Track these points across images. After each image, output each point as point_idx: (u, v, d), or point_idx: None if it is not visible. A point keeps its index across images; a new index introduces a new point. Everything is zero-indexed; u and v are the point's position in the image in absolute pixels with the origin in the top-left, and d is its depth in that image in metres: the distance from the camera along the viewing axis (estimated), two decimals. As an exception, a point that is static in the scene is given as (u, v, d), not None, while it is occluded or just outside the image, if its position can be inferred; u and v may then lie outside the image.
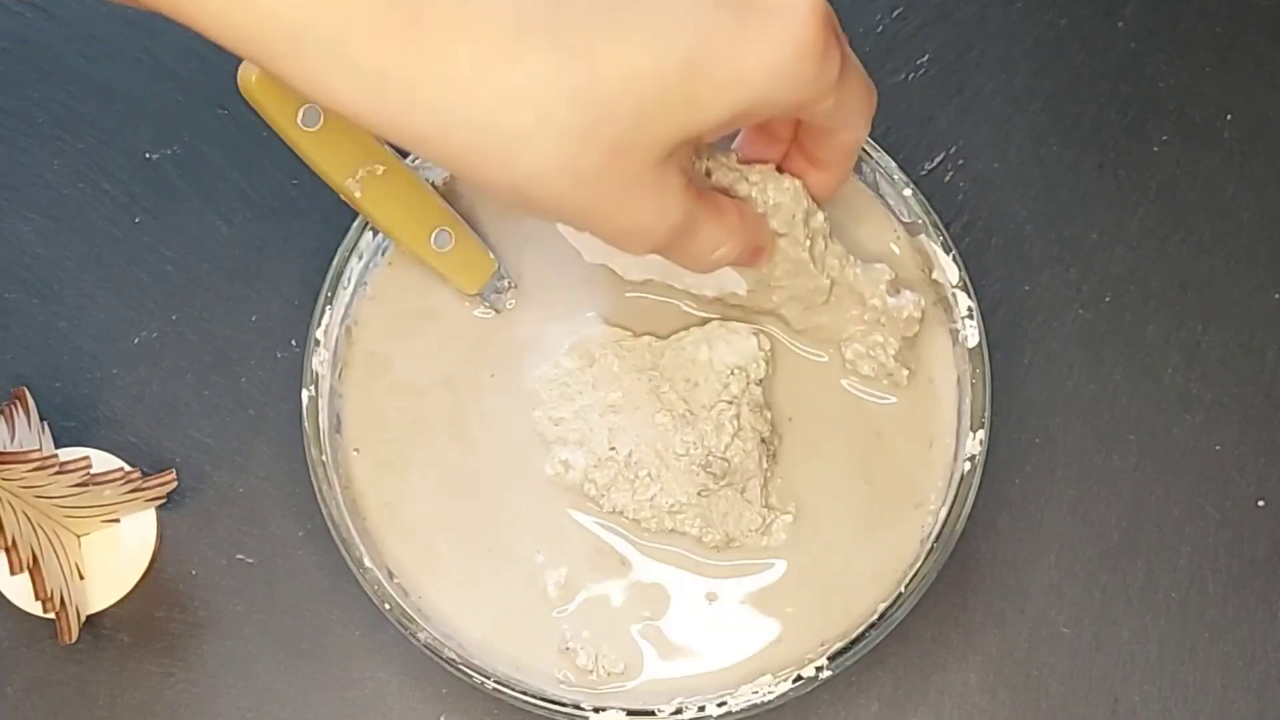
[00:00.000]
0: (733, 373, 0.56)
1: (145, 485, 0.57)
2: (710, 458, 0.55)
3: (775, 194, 0.51)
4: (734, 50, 0.40)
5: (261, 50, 0.39)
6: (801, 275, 0.54)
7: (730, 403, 0.56)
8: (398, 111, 0.39)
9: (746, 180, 0.51)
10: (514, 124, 0.39)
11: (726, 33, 0.40)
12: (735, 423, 0.56)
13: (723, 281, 0.56)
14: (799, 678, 0.54)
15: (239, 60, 0.51)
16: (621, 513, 0.56)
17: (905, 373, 0.57)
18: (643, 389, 0.57)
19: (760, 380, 0.57)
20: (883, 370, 0.57)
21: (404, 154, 0.57)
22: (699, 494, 0.55)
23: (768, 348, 0.57)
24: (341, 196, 0.55)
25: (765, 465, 0.56)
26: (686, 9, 0.40)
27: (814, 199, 0.53)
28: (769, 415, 0.57)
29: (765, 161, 0.52)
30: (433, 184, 0.59)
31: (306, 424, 0.56)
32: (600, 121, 0.40)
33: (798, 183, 0.52)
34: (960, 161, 0.65)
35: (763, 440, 0.56)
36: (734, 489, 0.56)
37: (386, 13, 0.38)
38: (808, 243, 0.53)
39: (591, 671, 0.55)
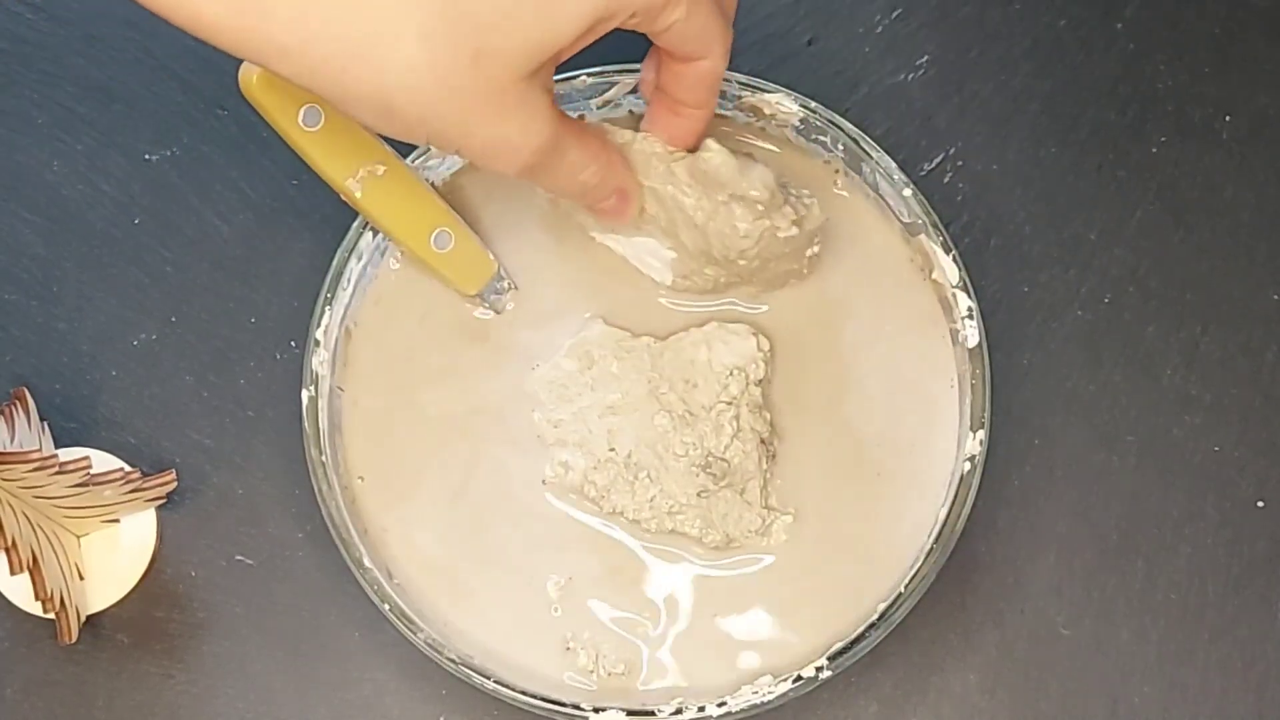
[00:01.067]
0: (732, 373, 0.56)
1: (145, 485, 0.57)
2: (710, 459, 0.55)
3: (636, 149, 0.53)
4: None
5: None
6: (702, 231, 0.55)
7: (729, 404, 0.56)
8: (255, 24, 0.39)
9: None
10: (374, 27, 0.39)
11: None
12: (735, 424, 0.56)
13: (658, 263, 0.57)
14: (799, 678, 0.54)
15: (240, 61, 0.51)
16: (621, 514, 0.56)
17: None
18: (642, 390, 0.57)
19: (760, 381, 0.57)
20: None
21: (405, 154, 0.57)
22: (699, 495, 0.55)
23: (767, 348, 0.57)
24: (342, 197, 0.55)
25: (765, 466, 0.56)
26: None
27: (683, 147, 0.53)
28: (768, 416, 0.57)
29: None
30: (433, 184, 0.59)
31: (306, 424, 0.56)
32: (461, 24, 0.40)
33: (647, 137, 0.53)
34: (960, 162, 0.65)
35: (762, 441, 0.56)
36: (733, 490, 0.56)
37: None
38: (686, 190, 0.54)
39: (592, 671, 0.55)
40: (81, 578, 0.59)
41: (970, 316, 0.57)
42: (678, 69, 0.51)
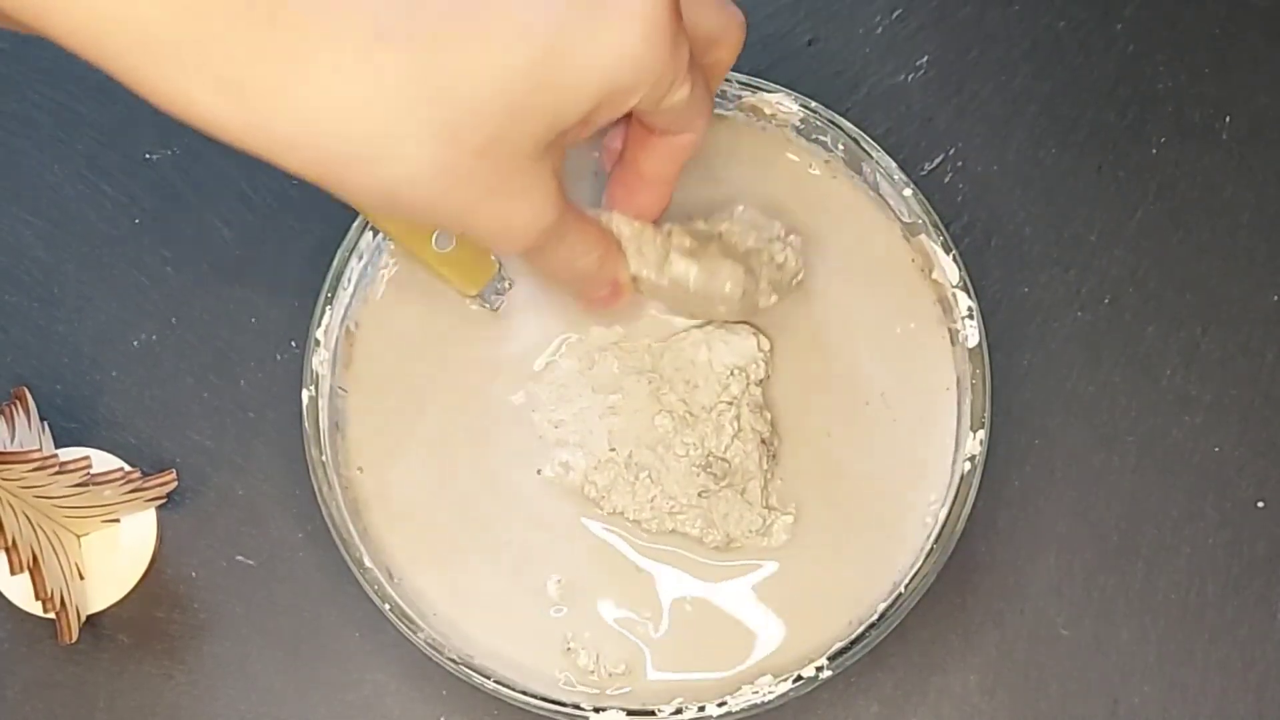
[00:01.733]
0: (732, 373, 0.56)
1: (145, 485, 0.57)
2: (710, 459, 0.55)
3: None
4: (589, 38, 0.41)
5: (115, 58, 0.38)
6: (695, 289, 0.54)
7: (730, 403, 0.56)
8: (263, 121, 0.39)
9: None
10: (380, 127, 0.39)
11: (581, 21, 0.41)
12: (735, 424, 0.56)
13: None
14: (799, 678, 0.54)
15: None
16: (622, 514, 0.56)
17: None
18: (642, 390, 0.57)
19: (760, 381, 0.57)
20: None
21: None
22: (699, 495, 0.56)
23: (767, 348, 0.57)
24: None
25: (765, 466, 0.56)
26: (542, 2, 0.40)
27: (650, 219, 0.53)
28: (769, 416, 0.57)
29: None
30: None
31: (306, 424, 0.56)
32: (466, 119, 0.40)
33: (613, 216, 0.52)
34: (959, 162, 0.65)
35: (763, 441, 0.56)
36: (734, 490, 0.56)
37: (245, 15, 0.37)
38: (663, 262, 0.53)
39: (593, 672, 0.55)
40: (82, 577, 0.59)
41: (970, 316, 0.57)
42: (653, 142, 0.50)
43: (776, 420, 0.58)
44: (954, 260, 0.57)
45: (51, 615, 0.57)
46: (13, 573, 0.54)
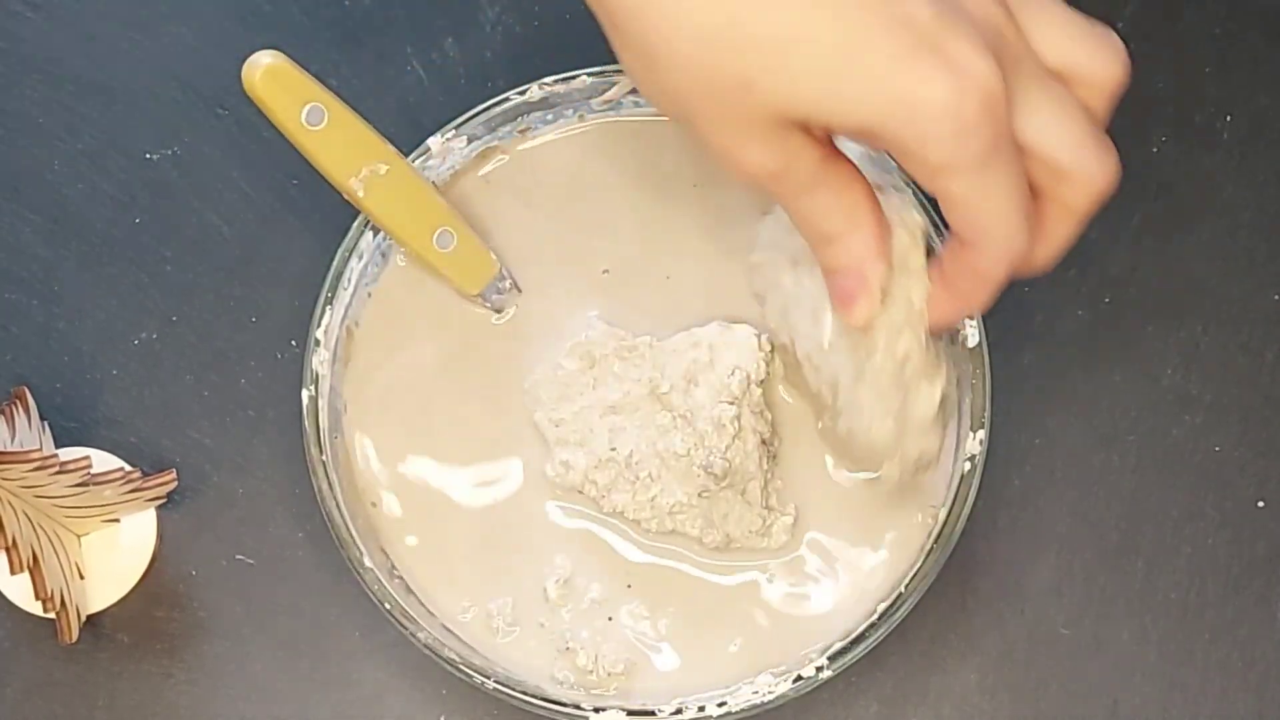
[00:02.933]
0: (733, 373, 0.56)
1: (145, 485, 0.57)
2: (711, 458, 0.55)
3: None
4: (893, 69, 0.40)
5: None
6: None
7: (731, 403, 0.56)
8: None
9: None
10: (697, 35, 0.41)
11: (899, 51, 0.40)
12: (736, 424, 0.55)
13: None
14: (799, 678, 0.54)
15: (240, 61, 0.51)
16: (622, 513, 0.56)
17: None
18: (643, 390, 0.57)
19: (761, 381, 0.57)
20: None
21: (407, 154, 0.57)
22: (699, 495, 0.55)
23: (768, 349, 0.57)
24: (344, 195, 0.55)
25: (765, 466, 0.56)
26: (892, 13, 0.40)
27: (933, 327, 0.50)
28: (769, 416, 0.57)
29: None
30: (434, 184, 0.59)
31: (306, 424, 0.56)
32: (751, 61, 0.40)
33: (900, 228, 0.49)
34: (960, 162, 0.65)
35: (763, 441, 0.56)
36: (734, 490, 0.56)
37: None
38: (900, 326, 0.50)
39: (592, 671, 0.55)
40: (82, 577, 0.59)
41: (970, 316, 0.57)
42: (953, 245, 0.46)
43: (777, 421, 0.58)
44: (954, 260, 0.57)
45: (51, 615, 0.57)
46: (13, 572, 0.54)
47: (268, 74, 0.51)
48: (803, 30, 0.40)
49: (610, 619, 0.56)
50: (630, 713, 0.53)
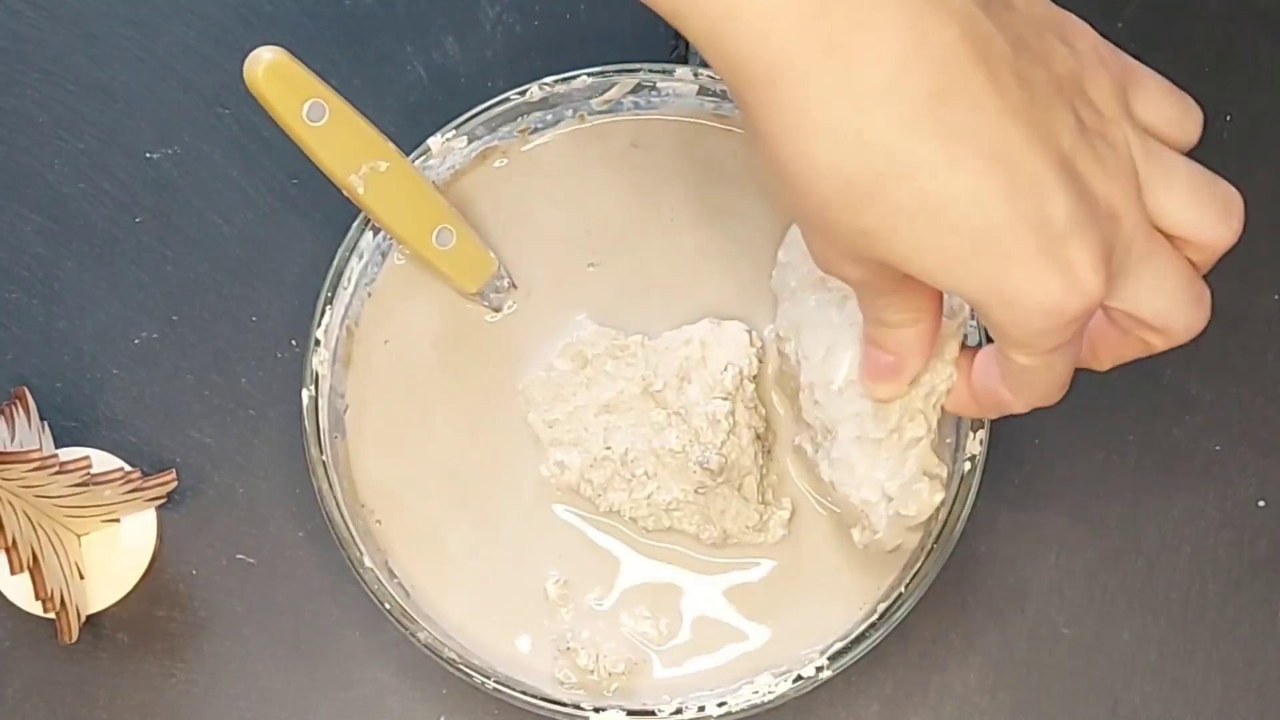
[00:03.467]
0: (726, 369, 0.56)
1: (145, 485, 0.57)
2: (706, 454, 0.55)
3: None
4: (1014, 268, 0.40)
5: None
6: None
7: (725, 399, 0.56)
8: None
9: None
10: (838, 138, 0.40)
11: (1026, 254, 0.40)
12: (730, 419, 0.55)
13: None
14: (799, 677, 0.54)
15: (240, 60, 0.51)
16: (619, 511, 0.56)
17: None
18: (636, 388, 0.57)
19: (754, 376, 0.57)
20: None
21: (407, 152, 0.57)
22: (696, 491, 0.55)
23: (759, 344, 0.57)
24: (344, 192, 0.55)
25: (760, 461, 0.56)
26: (1031, 210, 0.39)
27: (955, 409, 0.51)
28: (764, 411, 0.57)
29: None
30: (434, 183, 0.59)
31: (306, 423, 0.56)
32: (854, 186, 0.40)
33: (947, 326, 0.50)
34: (960, 162, 0.65)
35: (758, 436, 0.56)
36: (730, 486, 0.56)
37: None
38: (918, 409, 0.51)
39: (592, 671, 0.55)
40: (82, 577, 0.59)
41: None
42: (991, 367, 0.48)
43: (770, 416, 0.58)
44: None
45: (51, 615, 0.57)
46: (13, 572, 0.54)
47: (270, 69, 0.51)
48: (940, 211, 0.39)
49: (610, 619, 0.56)
50: (630, 712, 0.53)
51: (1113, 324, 0.46)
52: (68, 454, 0.58)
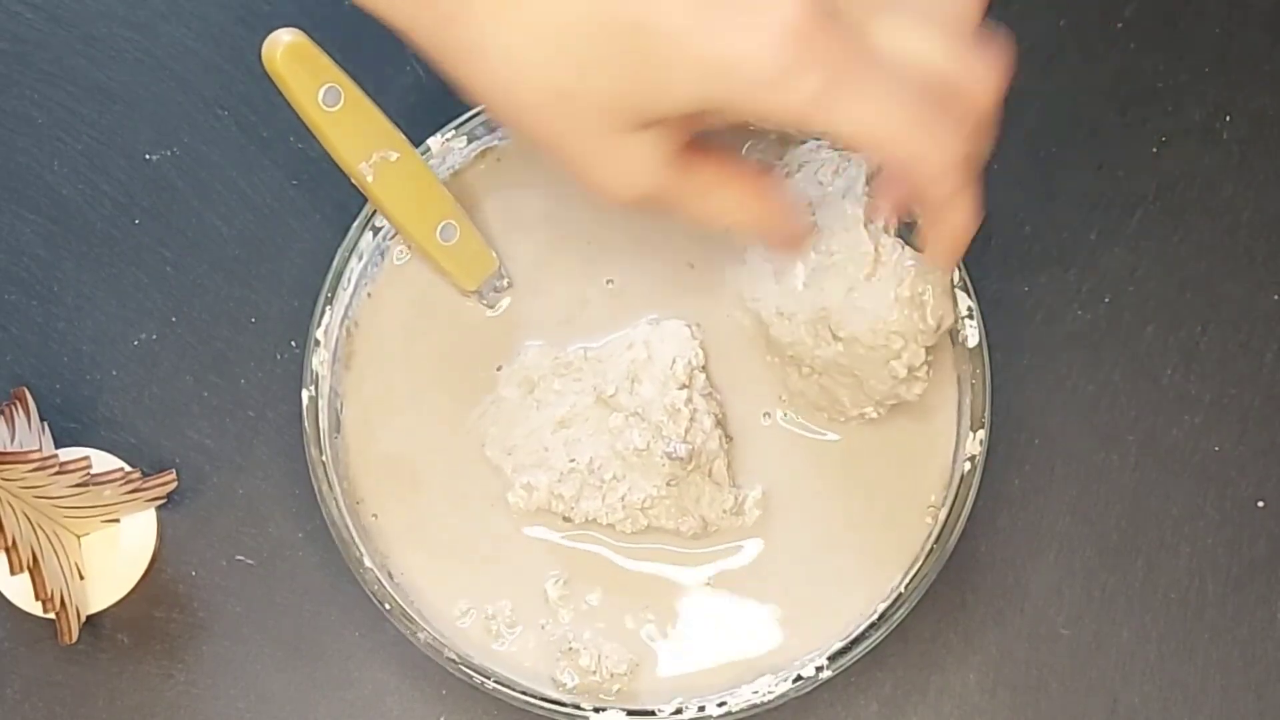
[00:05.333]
0: (674, 363, 0.56)
1: (145, 486, 0.57)
2: (672, 445, 0.55)
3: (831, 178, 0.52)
4: (708, 32, 0.39)
5: None
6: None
7: (681, 388, 0.55)
8: (443, 24, 0.42)
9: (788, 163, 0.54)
10: (516, 53, 0.41)
11: (710, 15, 0.39)
12: (689, 406, 0.55)
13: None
14: (799, 678, 0.54)
15: (241, 61, 0.51)
16: (595, 520, 0.56)
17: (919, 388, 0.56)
18: (589, 398, 0.57)
19: (702, 366, 0.57)
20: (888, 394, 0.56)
21: (417, 144, 0.57)
22: (668, 484, 0.55)
23: (700, 337, 0.57)
24: (352, 180, 0.55)
25: (725, 446, 0.56)
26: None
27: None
28: (719, 398, 0.57)
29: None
30: (442, 179, 0.59)
31: (306, 424, 0.56)
32: (585, 78, 0.41)
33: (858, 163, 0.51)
34: (960, 162, 0.65)
35: (718, 422, 0.56)
36: (700, 472, 0.56)
37: None
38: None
39: (595, 672, 0.55)
40: (82, 578, 0.59)
41: (970, 316, 0.57)
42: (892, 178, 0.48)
43: (776, 419, 0.58)
44: (954, 260, 0.57)
45: (51, 615, 0.57)
46: (13, 573, 0.54)
47: (289, 51, 0.51)
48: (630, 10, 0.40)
49: (611, 621, 0.56)
50: (630, 713, 0.53)
51: None
52: (67, 454, 0.58)
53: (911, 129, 0.42)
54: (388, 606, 0.54)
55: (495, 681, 0.54)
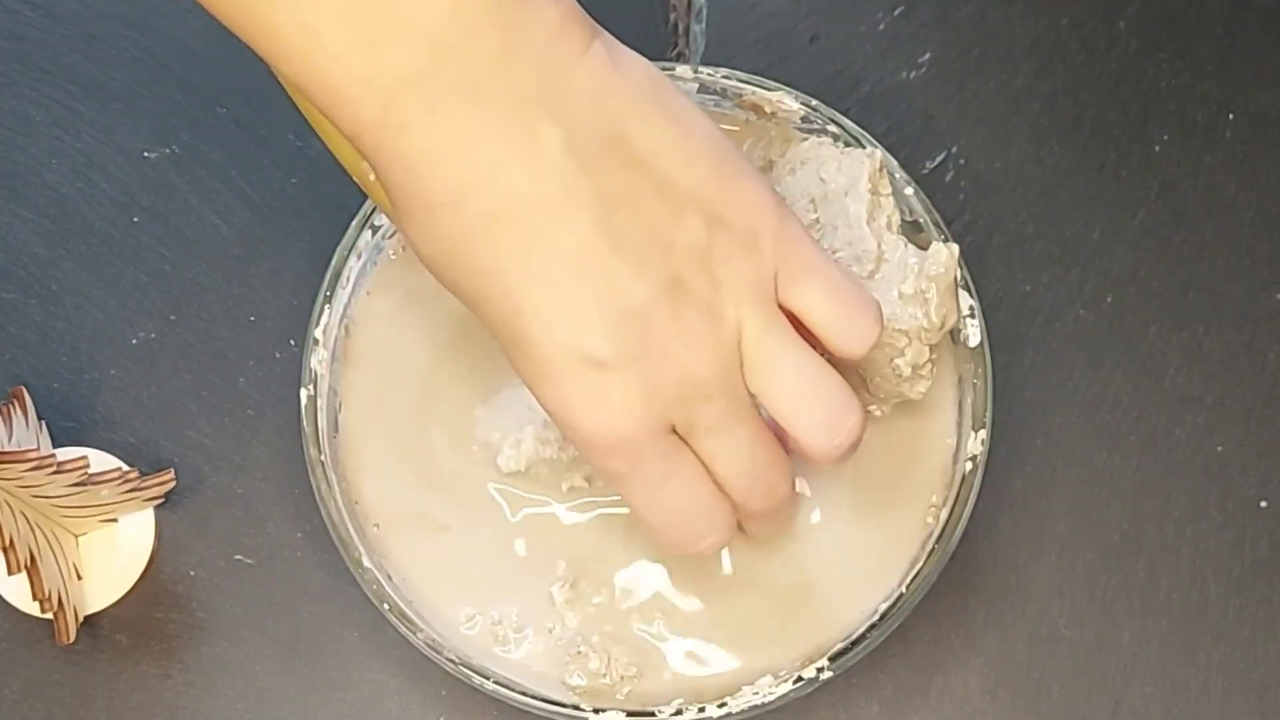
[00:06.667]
0: None
1: (143, 485, 0.57)
2: None
3: None
4: (560, 399, 0.46)
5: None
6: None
7: None
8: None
9: None
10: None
11: (573, 388, 0.45)
12: None
13: None
14: (799, 679, 0.53)
15: (240, 60, 0.51)
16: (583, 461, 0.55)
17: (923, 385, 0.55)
18: None
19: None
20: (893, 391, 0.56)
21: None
22: None
23: None
24: (354, 179, 0.55)
25: None
26: (548, 312, 0.45)
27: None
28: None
29: None
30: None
31: (305, 424, 0.56)
32: None
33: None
34: (961, 161, 0.65)
35: None
36: None
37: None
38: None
39: (604, 675, 0.55)
40: (80, 578, 0.59)
41: (971, 316, 0.57)
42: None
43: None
44: (955, 259, 0.57)
45: (49, 616, 0.56)
46: (10, 573, 0.54)
47: None
48: (511, 328, 0.46)
49: (618, 623, 0.56)
50: (630, 714, 0.53)
51: None
52: (65, 454, 0.58)
53: (675, 529, 0.50)
54: (386, 607, 0.54)
55: (495, 682, 0.53)
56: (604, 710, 0.53)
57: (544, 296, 0.44)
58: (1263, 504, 0.61)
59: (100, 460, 0.60)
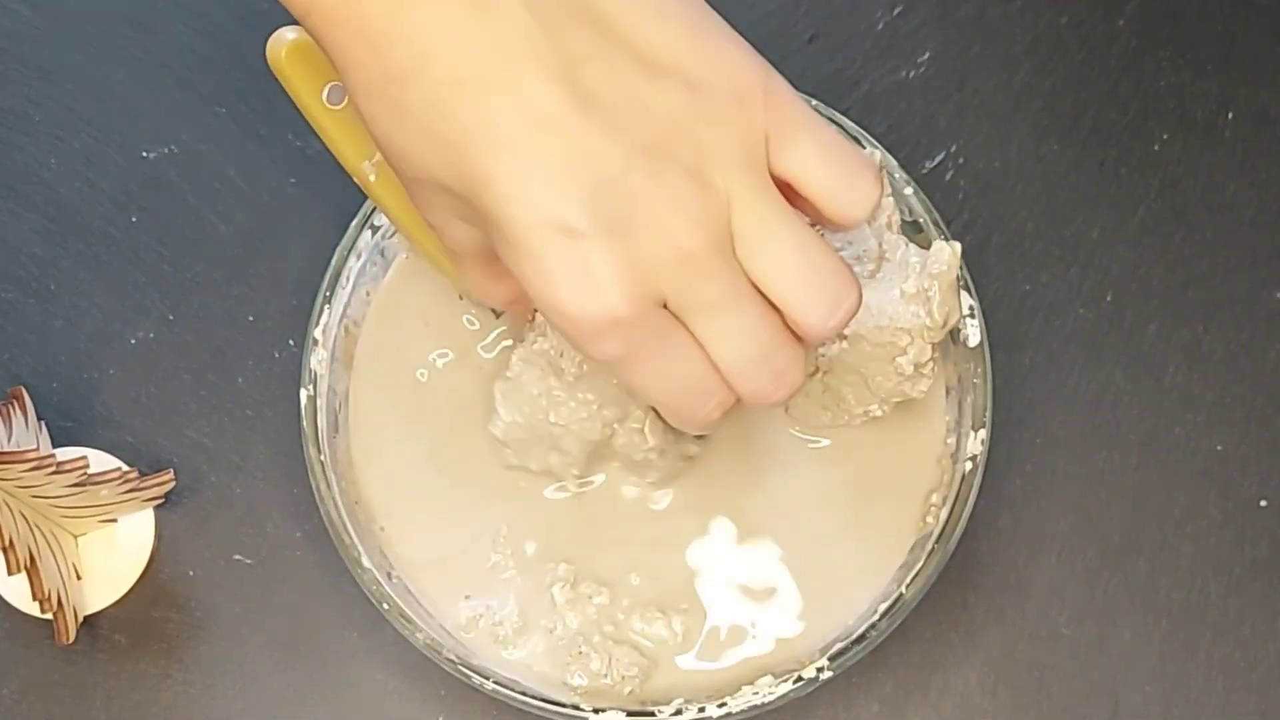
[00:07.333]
0: None
1: (143, 485, 0.57)
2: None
3: None
4: (548, 281, 0.43)
5: None
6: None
7: None
8: None
9: None
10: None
11: (562, 266, 0.42)
12: None
13: None
14: (799, 678, 0.53)
15: (239, 59, 0.51)
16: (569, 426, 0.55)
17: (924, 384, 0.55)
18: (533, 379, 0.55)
19: None
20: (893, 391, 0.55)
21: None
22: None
23: None
24: (354, 179, 0.55)
25: None
26: (523, 179, 0.42)
27: None
28: None
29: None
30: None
31: (305, 423, 0.56)
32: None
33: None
34: (961, 160, 0.65)
35: None
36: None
37: None
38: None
39: (605, 675, 0.55)
40: (79, 578, 0.59)
41: (971, 315, 0.57)
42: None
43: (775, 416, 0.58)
44: (955, 258, 0.57)
45: (49, 616, 0.56)
46: (10, 573, 0.54)
47: (293, 49, 0.51)
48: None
49: (617, 624, 0.56)
50: (630, 713, 0.53)
51: None
52: (65, 454, 0.58)
53: (680, 405, 0.47)
54: (386, 607, 0.54)
55: (494, 682, 0.53)
56: (604, 710, 0.53)
57: (513, 163, 0.41)
58: (1263, 503, 0.61)
59: (100, 460, 0.60)
